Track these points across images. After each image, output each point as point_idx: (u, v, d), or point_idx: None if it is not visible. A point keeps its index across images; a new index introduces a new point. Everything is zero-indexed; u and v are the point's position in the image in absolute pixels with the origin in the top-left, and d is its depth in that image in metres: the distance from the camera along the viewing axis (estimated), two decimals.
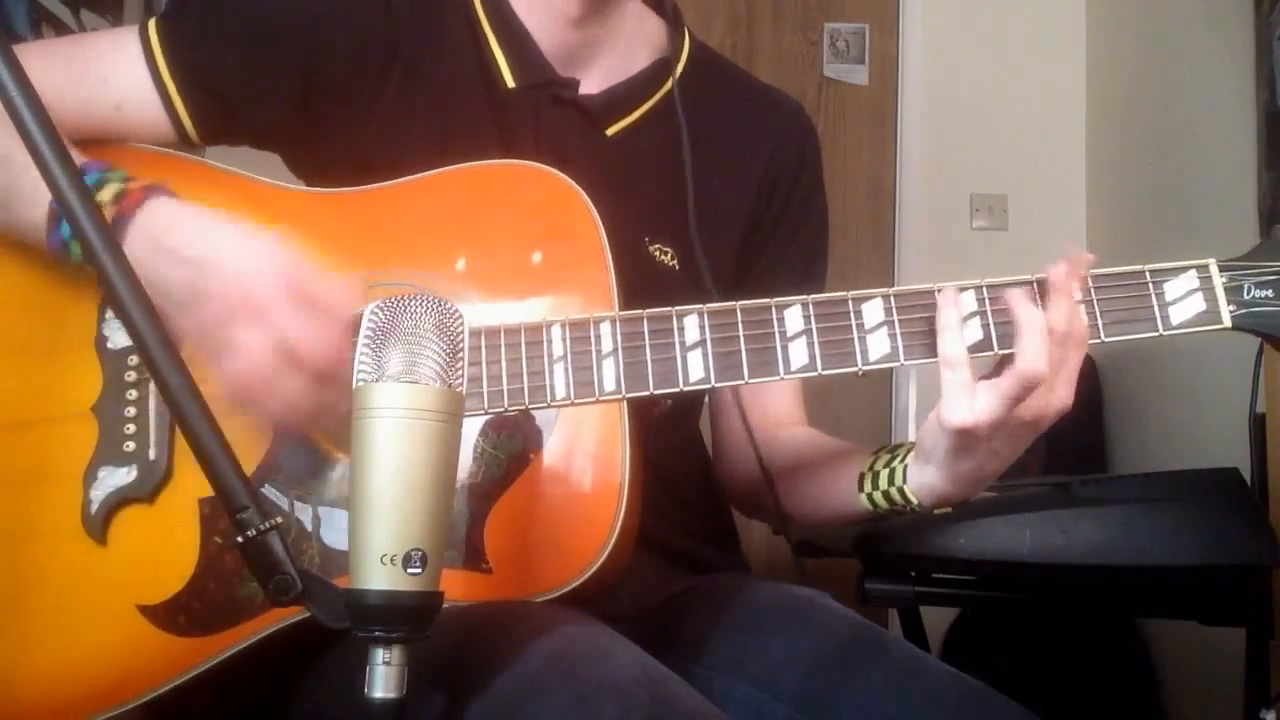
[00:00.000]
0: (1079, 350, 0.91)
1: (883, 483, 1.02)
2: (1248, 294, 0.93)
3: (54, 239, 0.95)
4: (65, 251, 0.95)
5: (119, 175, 0.96)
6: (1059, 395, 0.91)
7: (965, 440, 0.92)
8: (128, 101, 1.06)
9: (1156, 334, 0.93)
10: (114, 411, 0.99)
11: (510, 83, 1.11)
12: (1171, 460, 2.51)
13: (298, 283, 0.90)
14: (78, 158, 0.96)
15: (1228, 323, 0.93)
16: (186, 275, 0.91)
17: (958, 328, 0.90)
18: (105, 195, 0.94)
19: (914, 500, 1.00)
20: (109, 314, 1.01)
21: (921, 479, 0.99)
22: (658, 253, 1.12)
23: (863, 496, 1.04)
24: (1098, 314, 0.93)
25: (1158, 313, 0.93)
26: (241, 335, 0.89)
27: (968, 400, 0.89)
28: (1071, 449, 2.81)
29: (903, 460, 1.01)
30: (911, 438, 1.01)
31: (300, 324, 0.89)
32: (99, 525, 0.97)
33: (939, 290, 0.93)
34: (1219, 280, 0.93)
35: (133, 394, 1.00)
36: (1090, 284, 0.93)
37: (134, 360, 1.00)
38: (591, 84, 1.14)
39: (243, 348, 0.88)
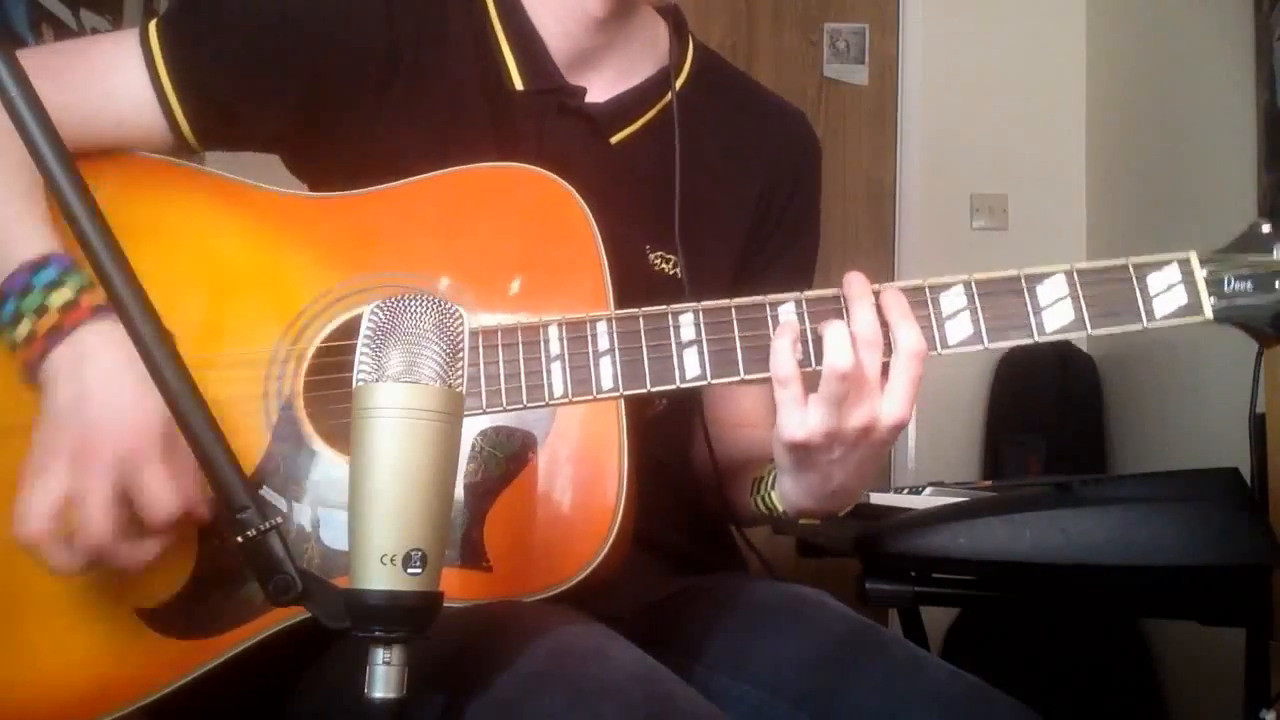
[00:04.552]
0: (912, 361, 0.90)
1: (762, 488, 1.06)
2: (1228, 286, 0.94)
3: None
4: (10, 333, 0.93)
5: (76, 281, 0.93)
6: (890, 407, 0.90)
7: (803, 453, 0.94)
8: (128, 111, 1.05)
9: (1141, 327, 0.93)
10: None
11: (519, 85, 1.11)
12: (1171, 460, 2.51)
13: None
14: (46, 243, 0.94)
15: (1209, 315, 0.93)
16: (74, 399, 0.90)
17: (787, 348, 0.91)
18: (54, 300, 0.91)
19: (779, 507, 1.04)
20: None
21: (781, 489, 1.03)
22: (659, 260, 1.13)
23: (753, 500, 1.08)
24: (1083, 307, 0.93)
25: (1142, 306, 0.93)
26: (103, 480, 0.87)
27: (799, 415, 0.91)
28: (1071, 449, 2.82)
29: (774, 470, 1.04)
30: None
31: (157, 483, 0.88)
32: None
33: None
34: (1199, 273, 0.94)
35: None
36: (1076, 277, 0.94)
37: None
38: (598, 91, 1.14)
39: (98, 490, 0.87)
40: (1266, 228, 0.95)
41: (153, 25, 1.07)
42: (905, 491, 1.64)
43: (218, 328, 1.01)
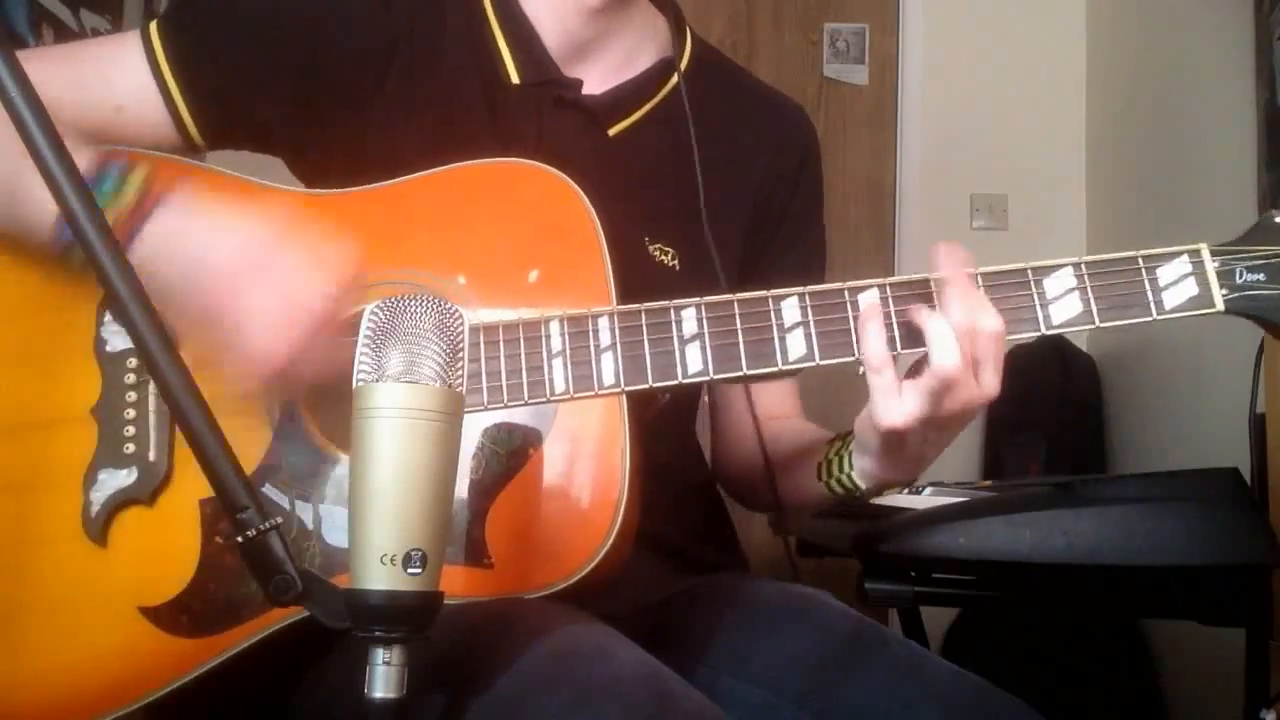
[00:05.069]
0: (996, 343, 0.92)
1: (835, 470, 1.06)
2: (1240, 278, 0.93)
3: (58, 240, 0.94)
4: (69, 254, 0.94)
5: (139, 177, 0.95)
6: (984, 387, 0.93)
7: (898, 437, 0.94)
8: (130, 103, 1.06)
9: (1150, 319, 0.93)
10: (114, 414, 0.99)
11: (515, 79, 1.11)
12: (1171, 460, 2.51)
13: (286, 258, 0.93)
14: (90, 157, 0.95)
15: (1220, 306, 0.93)
16: (185, 273, 0.93)
17: (879, 333, 0.92)
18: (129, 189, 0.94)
19: (861, 486, 1.04)
20: (107, 317, 1.01)
21: (863, 467, 1.03)
22: (658, 253, 1.12)
23: (822, 484, 1.08)
24: (1091, 300, 0.93)
25: (1151, 298, 0.93)
26: (248, 306, 0.91)
27: (896, 402, 0.92)
28: (1071, 449, 2.81)
29: (848, 448, 1.04)
30: None
31: (296, 278, 0.92)
32: (99, 527, 0.97)
33: (851, 298, 0.94)
34: (1210, 264, 0.94)
35: (132, 396, 1.00)
36: (1085, 270, 0.94)
37: (133, 363, 1.00)
38: (595, 83, 1.14)
39: (257, 318, 0.91)
40: (1279, 218, 0.95)
41: (153, 25, 1.07)
42: (905, 491, 1.64)
43: None
